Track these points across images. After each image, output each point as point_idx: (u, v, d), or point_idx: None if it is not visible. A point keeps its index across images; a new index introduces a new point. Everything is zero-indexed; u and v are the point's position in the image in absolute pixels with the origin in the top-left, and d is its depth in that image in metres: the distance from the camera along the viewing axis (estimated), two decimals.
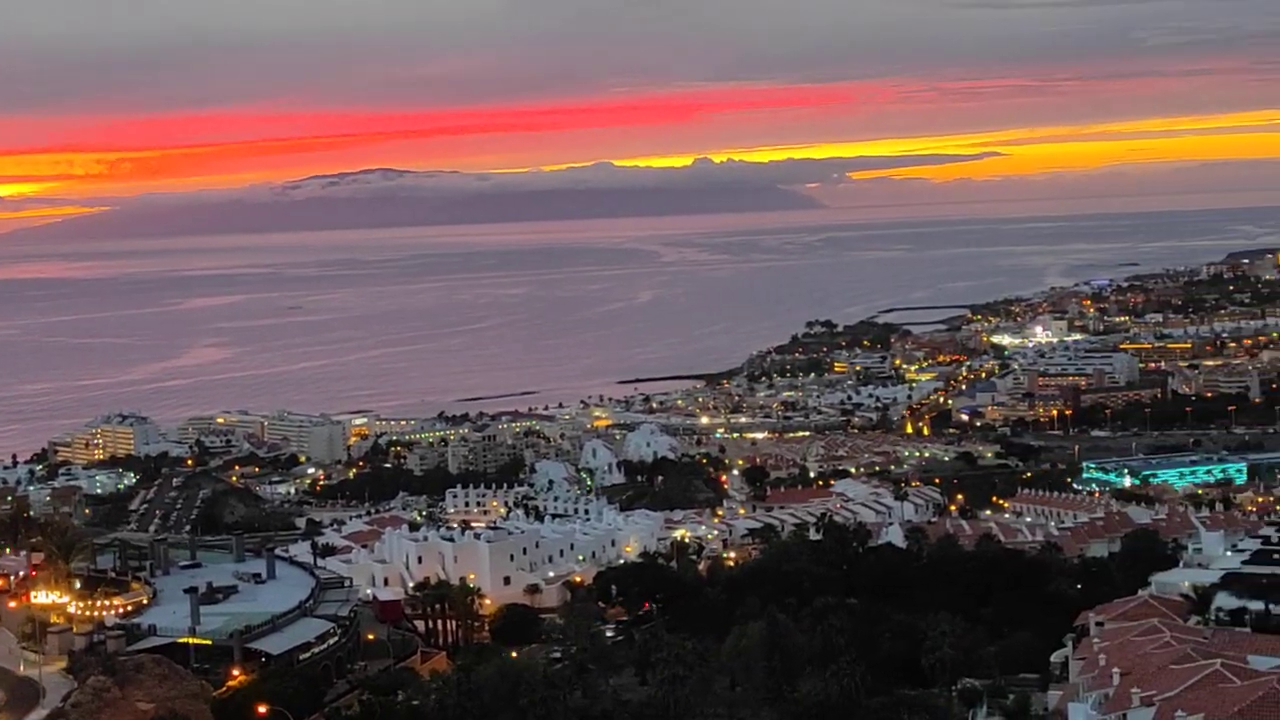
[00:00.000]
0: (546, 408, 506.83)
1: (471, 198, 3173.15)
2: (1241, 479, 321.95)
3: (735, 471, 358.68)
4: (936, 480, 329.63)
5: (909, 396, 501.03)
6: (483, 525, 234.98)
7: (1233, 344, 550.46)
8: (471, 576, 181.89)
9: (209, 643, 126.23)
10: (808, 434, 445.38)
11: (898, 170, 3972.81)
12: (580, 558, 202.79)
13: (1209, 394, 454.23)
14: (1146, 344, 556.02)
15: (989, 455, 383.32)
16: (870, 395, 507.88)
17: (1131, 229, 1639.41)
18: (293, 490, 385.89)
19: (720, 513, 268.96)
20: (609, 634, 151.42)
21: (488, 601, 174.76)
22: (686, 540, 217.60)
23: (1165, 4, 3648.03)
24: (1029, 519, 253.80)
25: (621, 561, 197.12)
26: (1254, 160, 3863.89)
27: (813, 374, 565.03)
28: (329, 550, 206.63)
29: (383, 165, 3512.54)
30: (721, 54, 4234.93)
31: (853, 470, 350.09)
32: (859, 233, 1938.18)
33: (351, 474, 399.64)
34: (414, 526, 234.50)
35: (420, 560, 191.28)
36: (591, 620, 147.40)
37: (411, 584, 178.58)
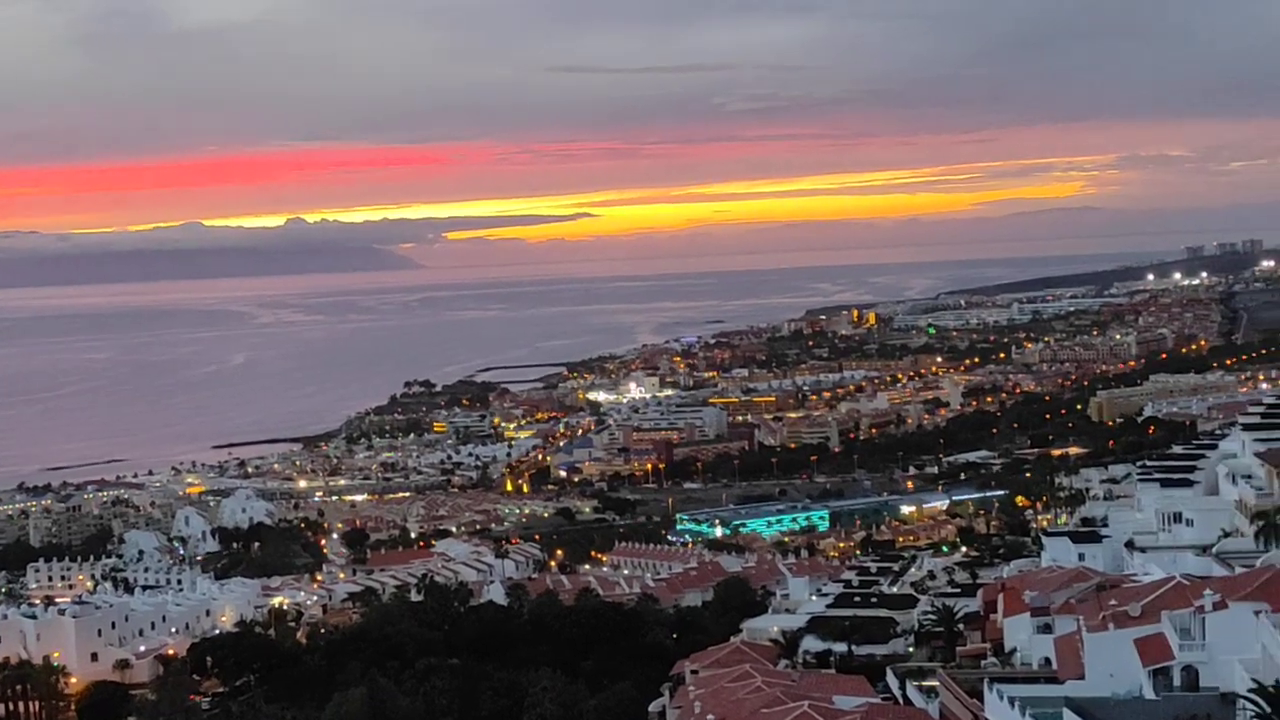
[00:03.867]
0: (136, 475, 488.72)
1: (51, 259, 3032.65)
2: (824, 526, 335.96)
3: (335, 535, 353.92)
4: (536, 537, 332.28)
5: (508, 454, 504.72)
6: (68, 600, 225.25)
7: (813, 396, 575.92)
8: (56, 654, 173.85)
9: None
10: (408, 494, 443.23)
11: (493, 230, 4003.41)
12: (173, 630, 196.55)
13: (792, 445, 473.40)
14: (734, 398, 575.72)
15: (587, 510, 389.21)
16: (470, 454, 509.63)
17: (717, 287, 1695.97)
18: None
19: (320, 577, 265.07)
20: (205, 707, 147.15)
21: (74, 680, 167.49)
22: (285, 607, 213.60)
23: (743, 71, 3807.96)
24: (626, 571, 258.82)
25: (217, 632, 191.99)
26: (829, 221, 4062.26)
27: (412, 434, 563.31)
28: None
29: None
30: (314, 113, 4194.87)
31: (454, 529, 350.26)
32: (456, 292, 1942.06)
33: None
34: None
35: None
36: (186, 694, 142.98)
37: None
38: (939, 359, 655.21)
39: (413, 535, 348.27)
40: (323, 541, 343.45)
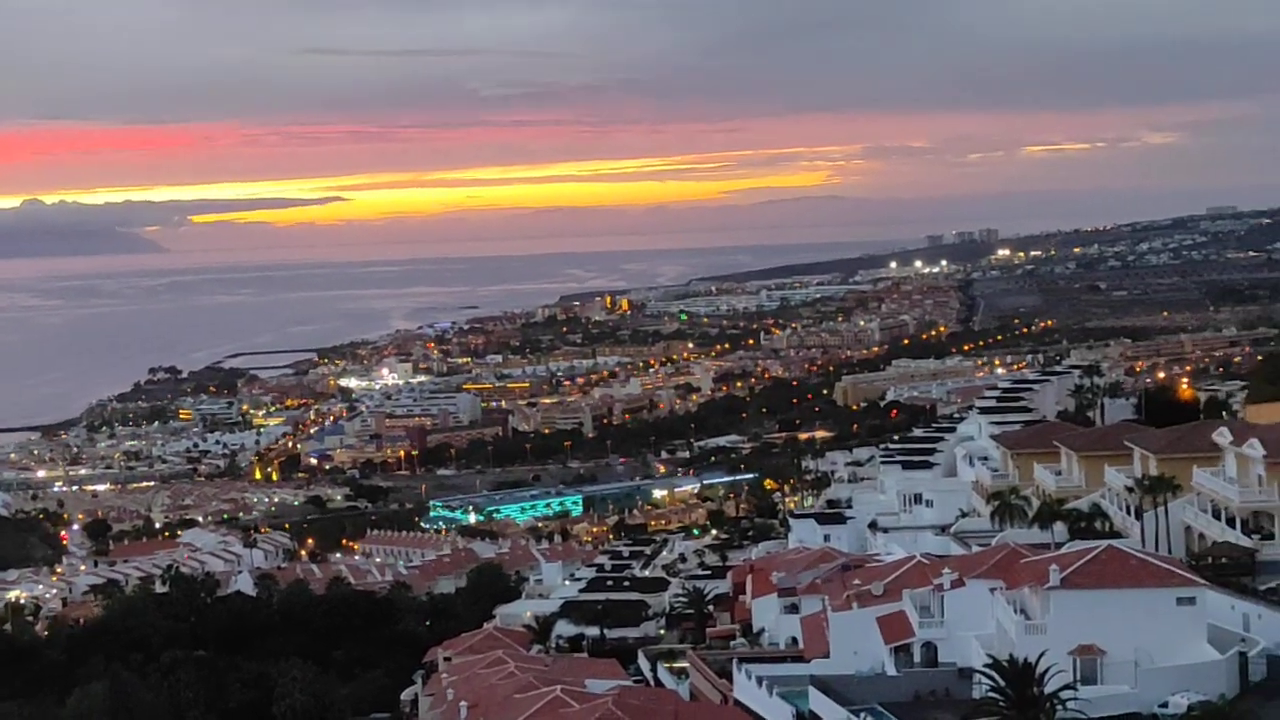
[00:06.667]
0: None
1: None
2: (578, 511, 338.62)
3: (76, 526, 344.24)
4: (286, 525, 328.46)
5: (257, 442, 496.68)
6: None
7: (567, 382, 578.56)
8: None
9: None
10: (152, 484, 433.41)
11: (241, 214, 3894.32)
12: None
13: (546, 430, 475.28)
14: (488, 384, 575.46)
15: (338, 498, 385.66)
16: (217, 442, 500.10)
17: (471, 273, 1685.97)
18: None
19: (59, 570, 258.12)
20: None
21: None
22: (22, 601, 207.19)
23: (496, 57, 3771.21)
24: (379, 559, 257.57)
25: None
26: (581, 208, 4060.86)
27: (156, 422, 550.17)
28: None
29: None
30: (51, 90, 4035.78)
31: (200, 519, 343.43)
32: (203, 276, 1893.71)
33: None
34: None
35: None
36: None
37: None
38: (690, 345, 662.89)
39: (157, 525, 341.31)
40: (63, 533, 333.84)
